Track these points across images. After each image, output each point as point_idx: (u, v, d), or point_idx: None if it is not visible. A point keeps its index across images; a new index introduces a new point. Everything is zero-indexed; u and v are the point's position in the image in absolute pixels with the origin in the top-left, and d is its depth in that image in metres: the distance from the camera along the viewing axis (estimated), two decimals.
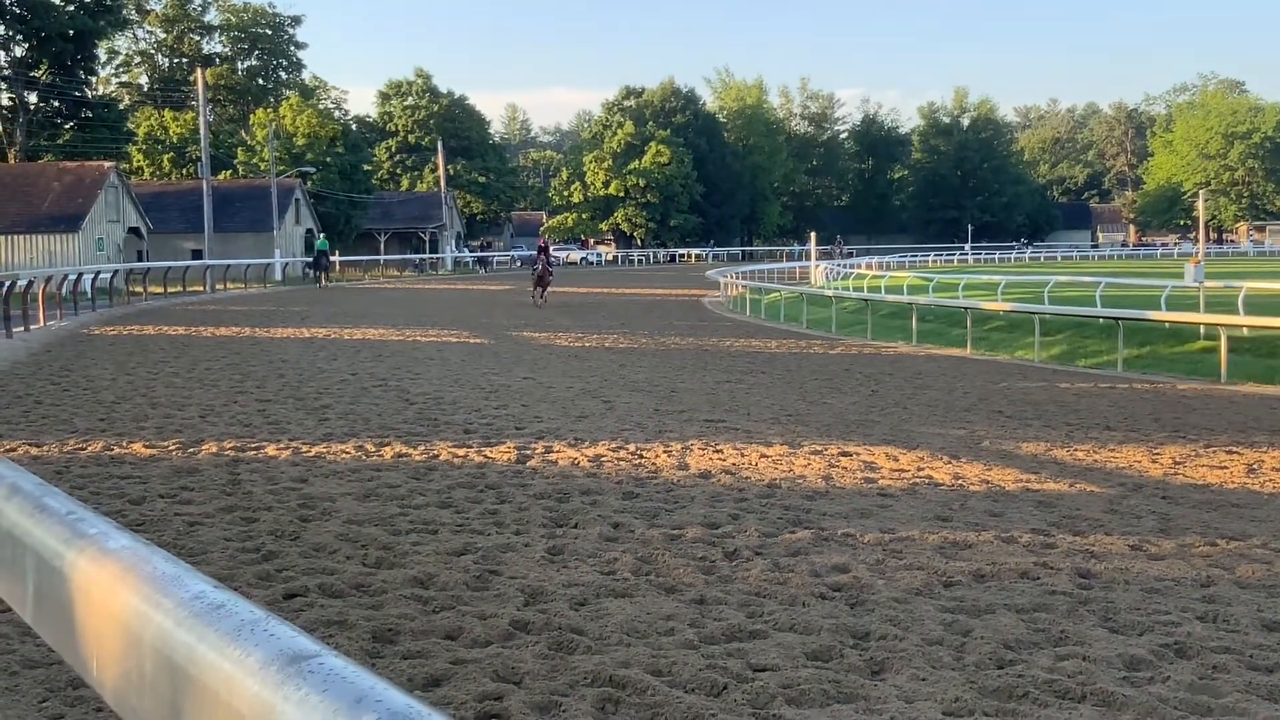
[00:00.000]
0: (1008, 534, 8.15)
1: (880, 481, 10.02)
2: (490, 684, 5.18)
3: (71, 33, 66.47)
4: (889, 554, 7.55)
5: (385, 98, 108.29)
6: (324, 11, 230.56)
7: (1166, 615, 6.34)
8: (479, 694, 5.06)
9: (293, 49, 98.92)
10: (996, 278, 38.95)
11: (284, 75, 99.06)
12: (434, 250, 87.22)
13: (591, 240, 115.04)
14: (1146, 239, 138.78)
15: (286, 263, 63.49)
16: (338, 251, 70.98)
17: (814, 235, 69.85)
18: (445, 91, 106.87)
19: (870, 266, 58.12)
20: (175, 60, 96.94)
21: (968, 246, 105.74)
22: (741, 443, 11.92)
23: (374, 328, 28.50)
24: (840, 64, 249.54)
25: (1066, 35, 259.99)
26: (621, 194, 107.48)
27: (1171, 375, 19.97)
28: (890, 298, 31.37)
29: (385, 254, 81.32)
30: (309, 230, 72.95)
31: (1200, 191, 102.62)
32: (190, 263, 51.75)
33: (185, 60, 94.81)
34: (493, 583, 6.80)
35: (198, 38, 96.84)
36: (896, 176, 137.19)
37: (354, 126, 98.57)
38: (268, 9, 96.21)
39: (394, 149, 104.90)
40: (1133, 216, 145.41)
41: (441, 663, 5.47)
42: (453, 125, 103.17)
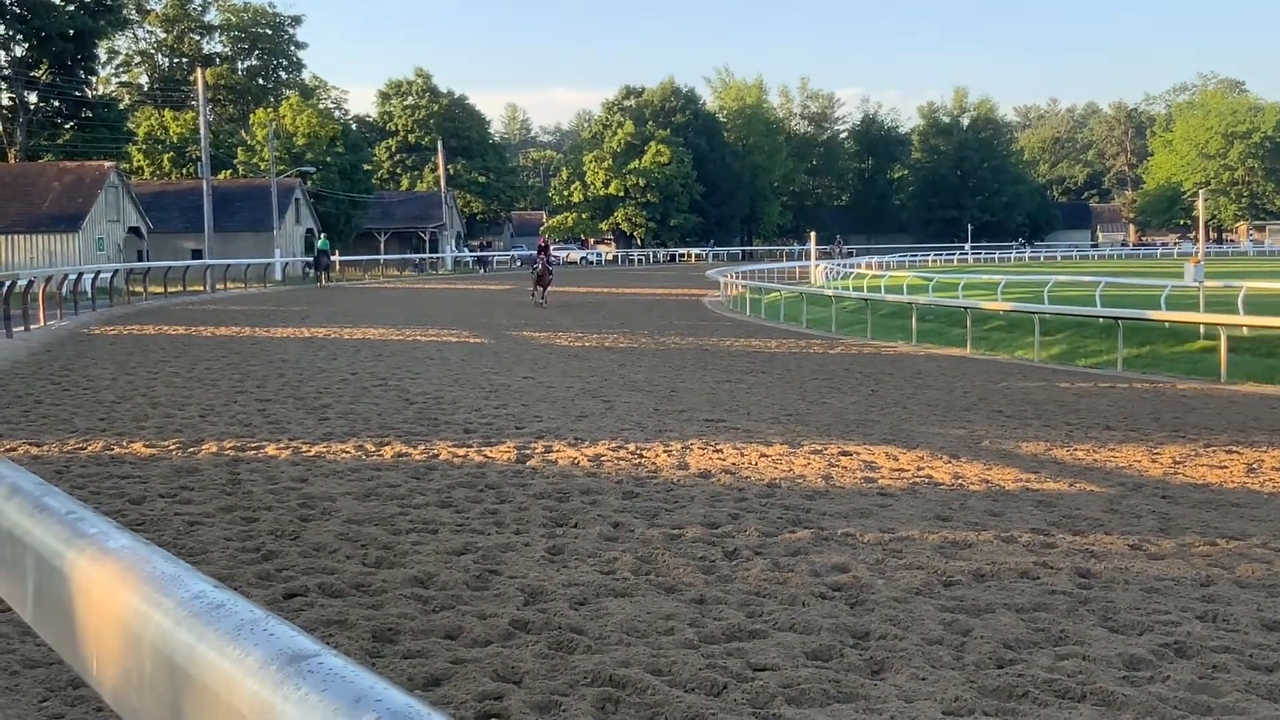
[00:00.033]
0: (1007, 533, 8.15)
1: (880, 481, 10.02)
2: (490, 683, 5.19)
3: (71, 32, 66.49)
4: (889, 553, 7.55)
5: (385, 97, 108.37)
6: (324, 11, 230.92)
7: (1166, 615, 6.34)
8: (479, 693, 5.06)
9: (293, 49, 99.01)
10: (996, 277, 38.94)
11: (284, 75, 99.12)
12: (434, 250, 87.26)
13: (591, 240, 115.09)
14: (1146, 239, 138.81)
15: (286, 262, 63.51)
16: (338, 251, 70.98)
17: (814, 235, 69.87)
18: (445, 91, 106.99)
19: (870, 266, 58.13)
20: (175, 60, 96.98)
21: (967, 246, 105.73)
22: (741, 442, 11.92)
23: (374, 327, 28.50)
24: (840, 64, 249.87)
25: (1066, 35, 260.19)
26: (621, 194, 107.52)
27: (1171, 375, 19.97)
28: (890, 297, 31.37)
29: (385, 254, 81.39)
30: (309, 230, 72.95)
31: (1200, 191, 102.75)
32: (190, 262, 51.75)
33: (185, 60, 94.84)
34: (493, 582, 6.80)
35: (198, 37, 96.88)
36: (896, 176, 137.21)
37: (354, 126, 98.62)
38: (268, 9, 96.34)
39: (394, 149, 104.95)
40: (1132, 216, 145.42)
41: (441, 662, 5.47)
42: (453, 125, 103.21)
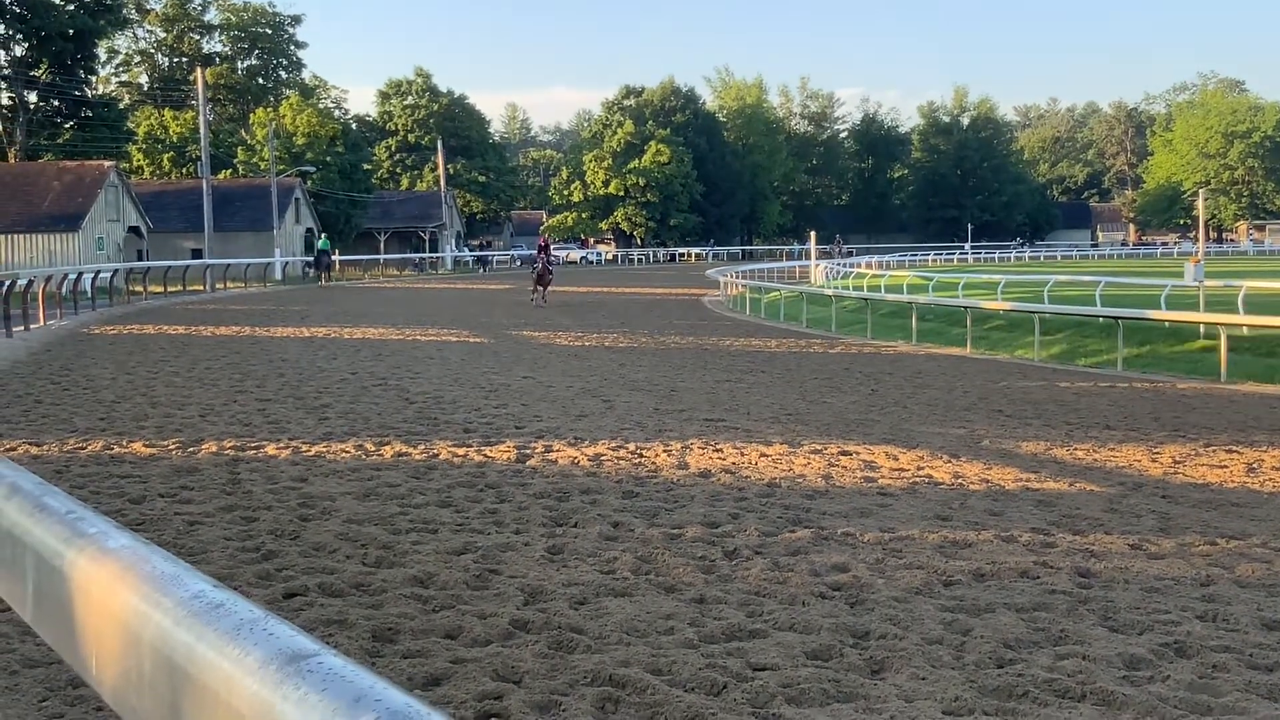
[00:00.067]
0: (1007, 533, 8.15)
1: (880, 481, 10.02)
2: (490, 683, 5.18)
3: (71, 32, 66.48)
4: (889, 553, 7.55)
5: (385, 97, 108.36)
6: (324, 11, 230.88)
7: (1166, 614, 6.34)
8: (479, 693, 5.06)
9: (292, 48, 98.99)
10: (996, 277, 38.93)
11: (284, 74, 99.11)
12: (434, 249, 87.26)
13: (591, 239, 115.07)
14: (1146, 238, 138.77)
15: (286, 262, 63.51)
16: (337, 250, 70.98)
17: (814, 234, 69.85)
18: (445, 91, 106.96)
19: (870, 265, 58.11)
20: (175, 59, 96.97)
21: (967, 246, 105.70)
22: (741, 442, 11.92)
23: (374, 327, 28.50)
24: (840, 63, 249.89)
25: (1066, 34, 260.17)
26: (621, 193, 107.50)
27: (1171, 374, 19.96)
28: (890, 297, 31.36)
29: (385, 253, 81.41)
30: (309, 229, 72.94)
31: (1200, 191, 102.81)
32: (190, 262, 51.75)
33: (185, 59, 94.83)
34: (492, 582, 6.80)
35: (198, 37, 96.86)
36: (896, 176, 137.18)
37: (354, 126, 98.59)
38: (267, 8, 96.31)
39: (394, 148, 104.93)
40: (1132, 216, 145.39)
41: (441, 662, 5.47)
42: (453, 124, 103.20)
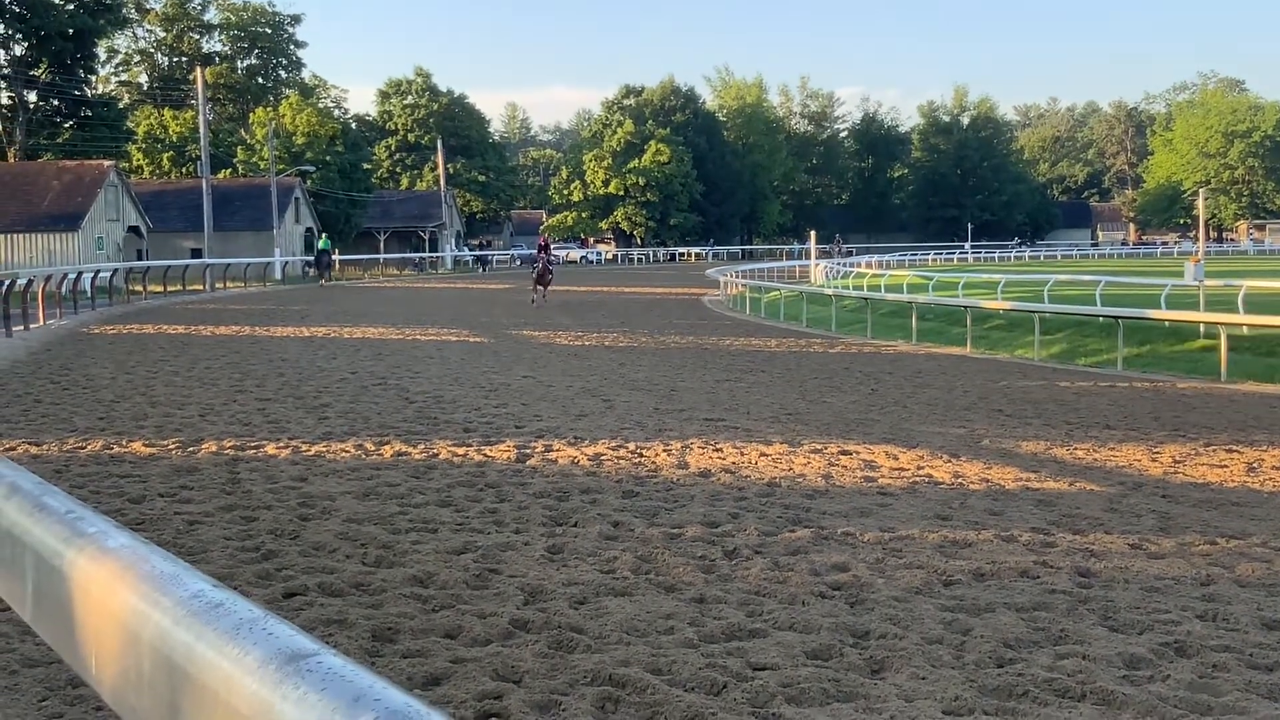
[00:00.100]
0: (1007, 533, 8.15)
1: (880, 480, 10.02)
2: (490, 683, 5.18)
3: (71, 31, 66.47)
4: (889, 553, 7.54)
5: (385, 96, 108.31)
6: (323, 10, 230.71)
7: (1166, 614, 6.34)
8: (478, 693, 5.06)
9: (292, 48, 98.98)
10: (996, 276, 38.94)
11: (283, 74, 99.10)
12: (434, 249, 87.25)
13: (591, 239, 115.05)
14: (1146, 238, 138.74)
15: (286, 261, 63.49)
16: (337, 250, 71.00)
17: (814, 234, 69.86)
18: (445, 90, 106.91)
19: (870, 265, 58.12)
20: (175, 59, 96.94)
21: (967, 245, 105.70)
22: (741, 441, 11.92)
23: (374, 326, 28.50)
24: (840, 63, 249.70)
25: (1066, 34, 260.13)
26: (621, 193, 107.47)
27: (1171, 374, 19.96)
28: (890, 296, 31.36)
29: (385, 253, 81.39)
30: (309, 229, 72.92)
31: (1200, 190, 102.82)
32: (190, 261, 51.75)
33: (185, 59, 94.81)
34: (492, 581, 6.80)
35: (197, 36, 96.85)
36: (896, 175, 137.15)
37: (354, 125, 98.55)
38: (267, 8, 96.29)
39: (393, 148, 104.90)
40: (1133, 215, 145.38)
41: (441, 661, 5.47)
42: (452, 124, 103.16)
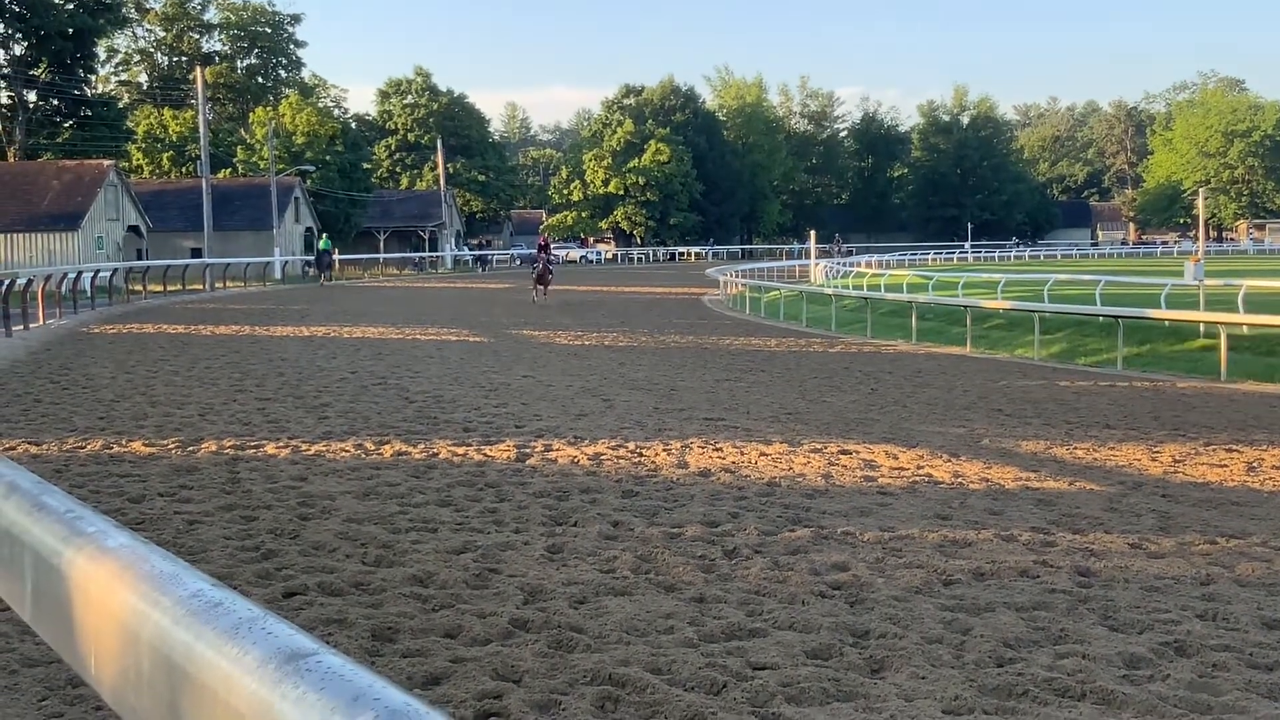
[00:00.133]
0: (1007, 532, 8.14)
1: (880, 480, 10.02)
2: (490, 682, 5.18)
3: (71, 31, 66.43)
4: (888, 552, 7.54)
5: (385, 96, 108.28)
6: (323, 10, 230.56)
7: (1166, 613, 6.34)
8: (478, 692, 5.06)
9: (292, 47, 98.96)
10: (996, 276, 38.93)
11: (283, 74, 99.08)
12: (433, 249, 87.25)
13: (591, 239, 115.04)
14: (1146, 237, 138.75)
15: (286, 261, 63.50)
16: (337, 250, 71.02)
17: (813, 234, 69.85)
18: (445, 90, 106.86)
19: (870, 265, 58.11)
20: (174, 59, 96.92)
21: (967, 245, 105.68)
22: (741, 441, 11.92)
23: (373, 326, 28.49)
24: (840, 62, 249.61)
25: (1066, 33, 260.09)
26: (621, 192, 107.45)
27: (1171, 373, 19.96)
28: (890, 296, 31.36)
29: (385, 252, 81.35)
30: (308, 229, 72.91)
31: (1200, 190, 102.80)
32: (190, 261, 51.75)
33: (184, 59, 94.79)
34: (492, 581, 6.80)
35: (197, 36, 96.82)
36: (896, 175, 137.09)
37: (353, 125, 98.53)
38: (267, 7, 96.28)
39: (393, 147, 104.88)
40: (1133, 215, 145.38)
41: (441, 661, 5.47)
42: (452, 123, 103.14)
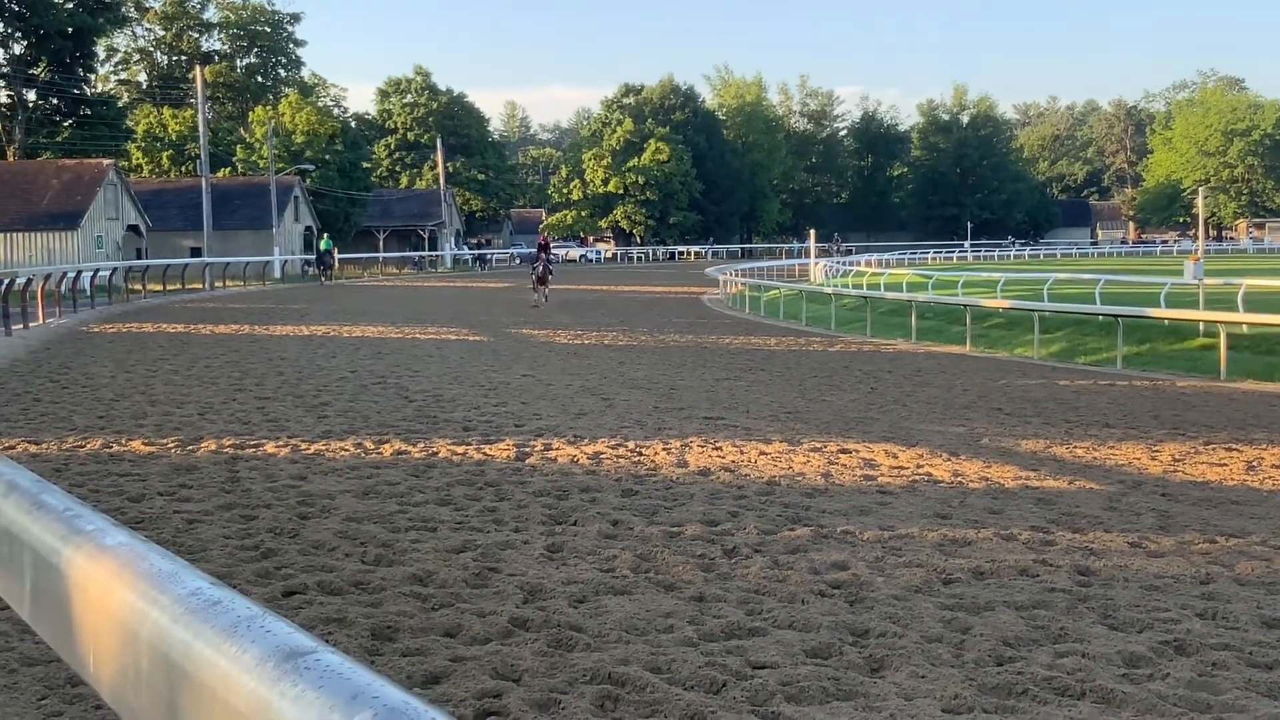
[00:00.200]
0: (1007, 531, 8.14)
1: (879, 479, 10.02)
2: (489, 681, 5.18)
3: (70, 30, 66.44)
4: (888, 551, 7.54)
5: (384, 95, 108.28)
6: (323, 9, 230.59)
7: (1166, 612, 6.34)
8: (478, 691, 5.06)
9: (292, 46, 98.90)
10: (996, 275, 38.93)
11: (283, 73, 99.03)
12: (433, 248, 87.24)
13: (591, 238, 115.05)
14: (1146, 236, 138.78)
15: (285, 260, 63.50)
16: (337, 249, 71.01)
17: (813, 233, 69.85)
18: (444, 89, 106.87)
19: (869, 264, 58.10)
20: (174, 58, 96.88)
21: (967, 244, 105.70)
22: (741, 440, 11.92)
23: (373, 325, 28.49)
24: (840, 61, 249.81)
25: (1066, 32, 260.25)
26: (621, 191, 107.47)
27: (1171, 372, 19.96)
28: (889, 295, 31.37)
29: (384, 251, 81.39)
30: (308, 228, 72.90)
31: (1200, 189, 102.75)
32: (189, 260, 51.74)
33: (184, 58, 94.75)
34: (492, 580, 6.80)
35: (196, 35, 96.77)
36: (896, 174, 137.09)
37: (353, 124, 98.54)
38: (266, 6, 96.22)
39: (393, 146, 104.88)
40: (1132, 214, 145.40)
41: (440, 660, 5.47)
42: (452, 123, 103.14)
